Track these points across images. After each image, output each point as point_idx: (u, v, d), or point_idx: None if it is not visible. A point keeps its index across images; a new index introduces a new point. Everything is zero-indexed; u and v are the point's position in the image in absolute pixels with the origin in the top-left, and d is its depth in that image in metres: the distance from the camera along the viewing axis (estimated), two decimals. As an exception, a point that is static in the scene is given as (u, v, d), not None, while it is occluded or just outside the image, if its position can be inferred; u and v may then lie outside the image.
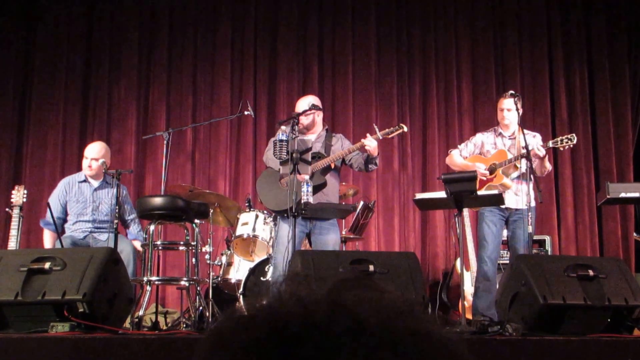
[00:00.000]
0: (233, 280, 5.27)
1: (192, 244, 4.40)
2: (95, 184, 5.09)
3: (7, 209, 4.87)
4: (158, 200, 4.32)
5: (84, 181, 5.10)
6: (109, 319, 3.23)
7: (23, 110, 6.80)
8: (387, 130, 4.56)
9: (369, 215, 5.71)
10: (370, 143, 4.39)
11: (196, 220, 4.45)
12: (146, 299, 4.10)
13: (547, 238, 6.19)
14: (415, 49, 7.02)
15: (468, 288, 5.22)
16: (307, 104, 4.63)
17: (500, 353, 2.97)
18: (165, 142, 5.02)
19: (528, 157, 4.42)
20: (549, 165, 4.89)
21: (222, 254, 5.49)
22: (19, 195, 4.69)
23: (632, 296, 3.40)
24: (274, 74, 6.90)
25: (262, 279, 5.03)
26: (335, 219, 4.58)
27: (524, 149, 4.48)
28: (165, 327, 4.42)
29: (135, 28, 6.90)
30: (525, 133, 4.65)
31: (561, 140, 4.67)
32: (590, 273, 3.44)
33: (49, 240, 5.01)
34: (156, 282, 4.34)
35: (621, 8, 7.09)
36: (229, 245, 5.49)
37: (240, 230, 5.24)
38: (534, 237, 4.98)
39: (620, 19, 7.07)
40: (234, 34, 6.94)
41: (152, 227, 4.22)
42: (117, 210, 4.48)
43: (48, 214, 4.84)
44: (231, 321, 0.64)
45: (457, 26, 7.06)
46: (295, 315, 0.61)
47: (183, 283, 4.47)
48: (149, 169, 6.68)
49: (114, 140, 6.55)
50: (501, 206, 4.62)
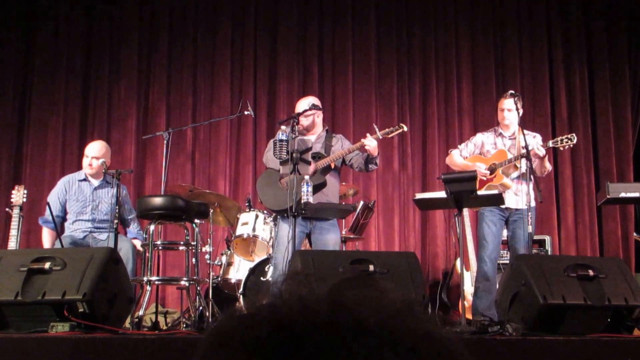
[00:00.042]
0: (233, 280, 5.28)
1: (192, 243, 4.40)
2: (95, 183, 5.08)
3: (7, 209, 4.87)
4: (158, 200, 4.33)
5: (84, 180, 5.09)
6: (109, 319, 3.23)
7: (23, 110, 6.80)
8: (387, 130, 4.56)
9: (369, 215, 5.71)
10: (370, 143, 4.39)
11: (196, 220, 4.45)
12: (146, 298, 4.10)
13: (547, 238, 6.19)
14: (415, 49, 7.02)
15: (468, 288, 5.22)
16: (307, 104, 4.64)
17: (500, 353, 2.97)
18: (165, 142, 5.02)
19: (528, 157, 4.42)
20: (549, 165, 4.89)
21: (222, 254, 5.49)
22: (19, 195, 4.69)
23: (632, 296, 3.39)
24: (274, 74, 6.90)
25: (262, 278, 5.03)
26: (335, 219, 4.58)
27: (524, 148, 4.48)
28: (165, 327, 4.41)
29: (135, 28, 6.90)
30: (525, 133, 4.65)
31: (561, 140, 4.67)
32: (590, 273, 3.43)
33: (48, 239, 5.01)
34: (156, 282, 4.34)
35: (621, 8, 7.08)
36: (229, 245, 5.49)
37: (240, 230, 5.24)
38: (534, 237, 4.98)
39: (620, 19, 7.06)
40: (234, 34, 6.94)
41: (152, 227, 4.22)
42: (117, 210, 4.48)
43: (47, 212, 4.84)
44: (232, 320, 0.64)
45: (457, 26, 7.06)
46: (297, 315, 0.61)
47: (183, 283, 4.47)
48: (149, 168, 6.68)
49: (114, 140, 6.55)
50: (501, 206, 4.62)
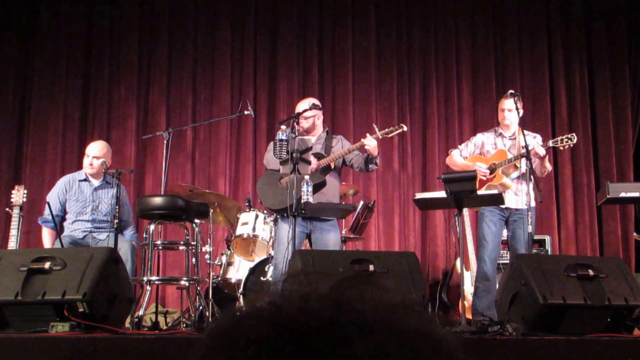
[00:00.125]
0: (233, 280, 5.28)
1: (192, 243, 4.41)
2: (95, 183, 5.08)
3: (7, 209, 4.87)
4: (158, 200, 4.33)
5: (84, 180, 5.09)
6: (109, 319, 3.23)
7: (23, 110, 6.80)
8: (387, 129, 4.57)
9: (369, 215, 5.71)
10: (369, 143, 4.39)
11: (196, 220, 4.45)
12: (146, 298, 4.10)
13: (547, 238, 6.19)
14: (415, 49, 7.01)
15: (468, 288, 5.22)
16: (308, 104, 4.64)
17: (500, 353, 2.97)
18: (165, 142, 5.02)
19: (528, 157, 4.42)
20: (549, 165, 4.89)
21: (222, 254, 5.49)
22: (19, 195, 4.69)
23: (632, 296, 3.39)
24: (274, 74, 6.90)
25: (262, 278, 5.03)
26: (335, 219, 4.58)
27: (524, 148, 4.48)
28: (165, 327, 4.41)
29: (135, 28, 6.90)
30: (525, 134, 4.64)
31: (561, 140, 4.67)
32: (590, 273, 3.43)
33: (48, 239, 5.00)
34: (156, 282, 4.34)
35: (621, 8, 7.08)
36: (229, 245, 5.49)
37: (240, 230, 5.24)
38: (534, 237, 4.98)
39: (620, 19, 7.07)
40: (234, 34, 6.94)
41: (152, 227, 4.22)
42: (117, 209, 4.48)
43: (46, 211, 4.84)
44: (232, 319, 0.64)
45: (457, 26, 7.06)
46: (298, 313, 0.61)
47: (183, 283, 4.47)
48: (149, 168, 6.68)
49: (114, 140, 6.55)
50: (501, 206, 4.62)
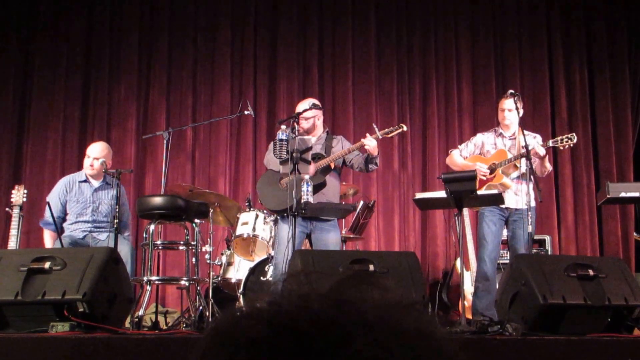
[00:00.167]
0: (233, 280, 5.28)
1: (192, 243, 4.41)
2: (95, 184, 5.07)
3: (7, 209, 4.87)
4: (158, 200, 4.33)
5: (85, 181, 5.08)
6: (109, 319, 3.23)
7: (23, 110, 6.80)
8: (387, 129, 4.57)
9: (369, 215, 5.71)
10: (369, 143, 4.39)
11: (196, 220, 4.45)
12: (146, 298, 4.10)
13: (547, 238, 6.19)
14: (415, 49, 7.01)
15: (468, 288, 5.22)
16: (308, 104, 4.64)
17: (500, 353, 2.97)
18: (165, 142, 5.02)
19: (528, 157, 4.42)
20: (549, 165, 4.89)
21: (222, 254, 5.49)
22: (19, 195, 4.69)
23: (632, 296, 3.39)
24: (274, 74, 6.90)
25: (262, 278, 5.03)
26: (335, 219, 4.58)
27: (524, 148, 4.48)
28: (165, 327, 4.41)
29: (135, 28, 6.90)
30: (525, 134, 4.64)
31: (561, 140, 4.67)
32: (590, 273, 3.43)
33: (49, 240, 5.00)
34: (156, 282, 4.34)
35: (621, 8, 7.08)
36: (229, 244, 5.49)
37: (240, 229, 5.24)
38: (534, 237, 4.98)
39: (620, 19, 7.07)
40: (234, 34, 6.94)
41: (152, 227, 4.22)
42: (117, 209, 4.48)
43: (47, 213, 4.83)
44: (232, 319, 0.64)
45: (457, 26, 7.06)
46: (299, 312, 0.61)
47: (183, 283, 4.47)
48: (149, 168, 6.68)
49: (114, 140, 6.55)
50: (501, 206, 4.62)
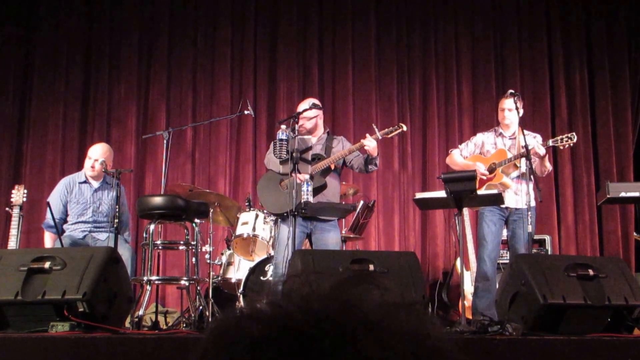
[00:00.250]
0: (233, 280, 5.28)
1: (192, 243, 4.41)
2: (95, 185, 5.07)
3: (7, 209, 4.87)
4: (158, 200, 4.33)
5: (85, 182, 5.08)
6: (109, 319, 3.23)
7: (23, 110, 6.80)
8: (387, 130, 4.57)
9: (369, 214, 5.71)
10: (369, 143, 4.39)
11: (196, 220, 4.45)
12: (146, 298, 4.10)
13: (547, 237, 6.19)
14: (415, 49, 7.01)
15: (468, 288, 5.22)
16: (308, 104, 4.64)
17: (500, 353, 2.97)
18: (165, 142, 5.02)
19: (528, 157, 4.42)
20: (549, 165, 4.88)
21: (222, 254, 5.49)
22: (19, 195, 4.69)
23: (632, 296, 3.39)
24: (274, 74, 6.90)
25: (262, 278, 5.03)
26: (335, 219, 4.58)
27: (523, 148, 4.48)
28: (165, 327, 4.42)
29: (135, 28, 6.90)
30: (525, 134, 4.64)
31: (561, 139, 4.67)
32: (590, 272, 3.43)
33: (49, 242, 5.00)
34: (156, 282, 4.34)
35: (621, 8, 7.08)
36: (229, 244, 5.49)
37: (240, 229, 5.24)
38: (534, 237, 4.98)
39: (620, 19, 7.07)
40: (234, 34, 6.94)
41: (152, 227, 4.22)
42: (117, 210, 4.48)
43: (48, 214, 4.83)
44: (233, 319, 0.64)
45: (457, 26, 7.06)
46: (305, 312, 0.61)
47: (183, 282, 4.47)
48: (149, 168, 6.68)
49: (114, 139, 6.55)
50: (501, 205, 4.62)
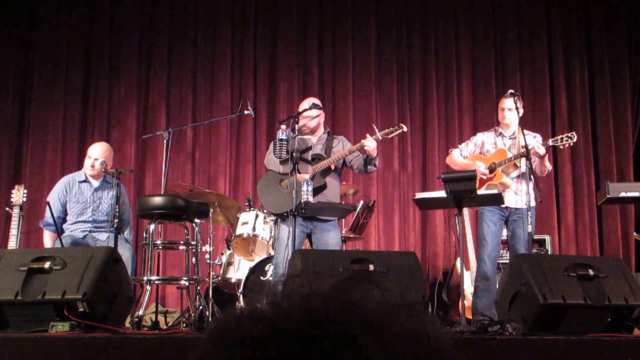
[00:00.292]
0: (233, 280, 5.28)
1: (192, 243, 4.40)
2: (95, 184, 5.07)
3: (7, 209, 4.87)
4: (158, 200, 4.33)
5: (84, 181, 5.08)
6: (108, 319, 3.23)
7: (23, 110, 6.80)
8: (387, 130, 4.57)
9: (369, 214, 5.71)
10: (369, 144, 4.39)
11: (196, 220, 4.45)
12: (146, 298, 4.10)
13: (547, 237, 6.19)
14: (415, 49, 7.01)
15: (468, 287, 5.22)
16: (308, 104, 4.64)
17: (500, 353, 2.97)
18: (165, 142, 5.02)
19: (528, 157, 4.42)
20: (549, 164, 4.89)
21: (222, 254, 5.49)
22: (19, 195, 4.69)
23: (632, 296, 3.39)
24: (274, 74, 6.90)
25: (262, 278, 5.03)
26: (335, 219, 4.58)
27: (523, 148, 4.48)
28: (165, 327, 4.42)
29: (135, 28, 6.90)
30: (525, 133, 4.64)
31: (561, 139, 4.67)
32: (590, 272, 3.43)
33: (49, 241, 5.00)
34: (156, 282, 4.34)
35: (621, 8, 7.08)
36: (229, 244, 5.49)
37: (240, 229, 5.24)
38: (534, 237, 4.98)
39: (620, 19, 7.06)
40: (234, 34, 6.94)
41: (152, 227, 4.21)
42: (117, 209, 4.47)
43: (47, 213, 4.83)
44: (233, 319, 0.64)
45: (457, 26, 7.06)
46: (305, 312, 0.61)
47: (183, 282, 4.47)
48: (149, 168, 6.68)
49: (114, 139, 6.55)
50: (501, 205, 4.62)
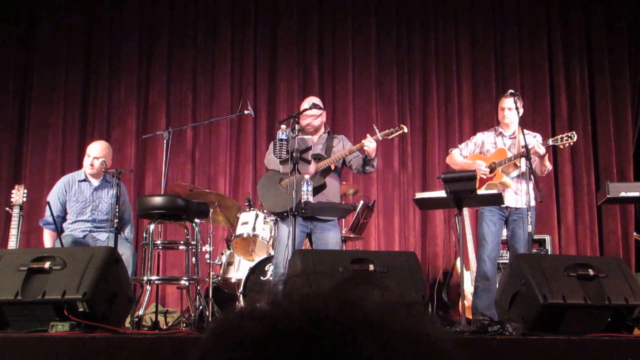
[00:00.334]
0: (233, 280, 5.28)
1: (192, 243, 4.41)
2: (95, 183, 5.07)
3: (7, 208, 4.87)
4: (158, 200, 4.33)
5: (84, 180, 5.08)
6: (108, 319, 3.23)
7: (23, 110, 6.80)
8: (387, 131, 4.57)
9: (369, 214, 5.71)
10: (369, 144, 4.39)
11: (196, 220, 4.45)
12: (146, 298, 4.10)
13: (547, 237, 6.19)
14: (415, 49, 7.01)
15: (468, 287, 5.22)
16: (308, 104, 4.64)
17: (500, 353, 2.97)
18: (165, 142, 5.02)
19: (528, 157, 4.42)
20: (549, 164, 4.89)
21: (222, 254, 5.49)
22: (19, 195, 4.69)
23: (632, 296, 3.39)
24: (274, 74, 6.90)
25: (262, 278, 5.03)
26: (335, 219, 4.58)
27: (523, 148, 4.48)
28: (165, 327, 4.41)
29: (135, 28, 6.90)
30: (525, 133, 4.64)
31: (561, 138, 4.67)
32: (590, 272, 3.43)
33: (49, 240, 4.99)
34: (156, 282, 4.34)
35: (621, 8, 7.08)
36: (229, 244, 5.49)
37: (240, 229, 5.24)
38: (534, 237, 4.98)
39: (621, 19, 7.06)
40: (234, 34, 6.94)
41: (152, 227, 4.21)
42: (117, 209, 4.47)
43: (47, 212, 4.83)
44: (233, 319, 0.63)
45: (457, 26, 7.06)
46: (306, 312, 0.61)
47: (183, 282, 4.47)
48: (149, 168, 6.68)
49: (114, 139, 6.55)
50: (501, 205, 4.62)
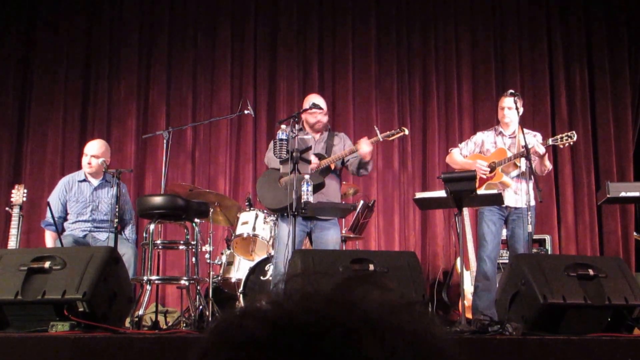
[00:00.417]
0: (233, 280, 5.28)
1: (192, 243, 4.40)
2: (95, 183, 5.07)
3: (7, 208, 4.87)
4: (158, 200, 4.33)
5: (84, 180, 5.08)
6: (108, 318, 3.23)
7: (23, 110, 6.80)
8: (388, 132, 4.58)
9: (369, 214, 5.71)
10: (363, 148, 4.38)
11: (196, 220, 4.45)
12: (146, 298, 4.10)
13: (547, 237, 6.19)
14: (415, 49, 7.01)
15: (468, 287, 5.22)
16: (308, 104, 4.65)
17: (500, 353, 2.97)
18: (165, 141, 5.02)
19: (527, 156, 4.42)
20: (549, 164, 4.89)
21: (222, 253, 5.49)
22: (19, 195, 4.69)
23: (632, 295, 3.39)
24: (274, 74, 6.90)
25: (262, 278, 5.03)
26: (336, 219, 4.58)
27: (523, 147, 4.48)
28: (165, 327, 4.41)
29: (135, 28, 6.90)
30: (525, 132, 4.65)
31: (561, 138, 4.67)
32: (590, 272, 3.43)
33: (50, 241, 4.99)
34: (156, 282, 4.34)
35: (621, 8, 7.08)
36: (229, 244, 5.49)
37: (240, 229, 5.25)
38: (534, 237, 4.98)
39: (620, 19, 7.06)
40: (234, 34, 6.94)
41: (152, 227, 4.21)
42: (117, 209, 4.47)
43: (48, 214, 4.83)
44: (233, 319, 0.63)
45: (457, 26, 7.06)
46: (307, 312, 0.61)
47: (183, 282, 4.47)
48: (149, 168, 6.68)
49: (114, 139, 6.55)
50: (501, 205, 4.62)
